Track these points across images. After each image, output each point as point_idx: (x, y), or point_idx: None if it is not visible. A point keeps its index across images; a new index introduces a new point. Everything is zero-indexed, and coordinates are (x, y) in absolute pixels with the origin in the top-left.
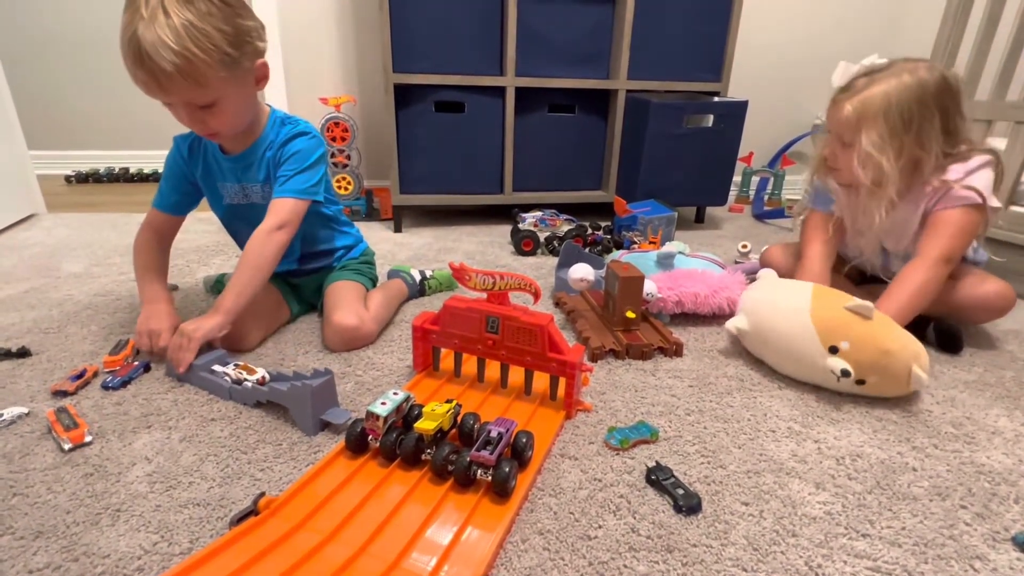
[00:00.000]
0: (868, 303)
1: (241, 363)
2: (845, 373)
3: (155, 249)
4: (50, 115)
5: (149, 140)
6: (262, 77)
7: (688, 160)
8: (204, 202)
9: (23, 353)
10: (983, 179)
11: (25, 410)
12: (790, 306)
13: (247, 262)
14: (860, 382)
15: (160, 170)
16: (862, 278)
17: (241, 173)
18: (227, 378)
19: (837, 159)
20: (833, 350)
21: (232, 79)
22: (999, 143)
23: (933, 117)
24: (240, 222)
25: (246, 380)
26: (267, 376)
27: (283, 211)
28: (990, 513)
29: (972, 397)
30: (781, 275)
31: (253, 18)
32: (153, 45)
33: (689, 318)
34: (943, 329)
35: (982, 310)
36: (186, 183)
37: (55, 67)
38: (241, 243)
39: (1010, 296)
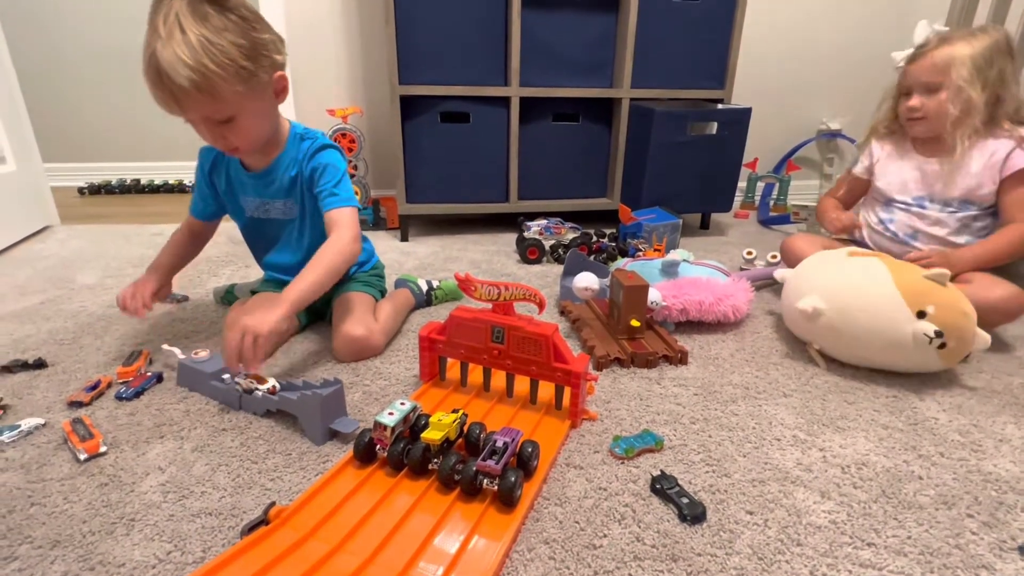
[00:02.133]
0: (944, 270)
1: (252, 372)
2: (938, 334)
3: (182, 240)
4: (63, 128)
5: (161, 152)
6: (281, 90)
7: (693, 167)
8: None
9: (39, 364)
10: None
11: (42, 421)
12: (870, 278)
13: (321, 263)
14: (943, 346)
15: (171, 182)
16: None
17: (263, 189)
18: (238, 387)
19: (920, 109)
20: (921, 315)
21: (249, 93)
22: None
23: (1007, 61)
24: (259, 235)
25: (256, 389)
26: (278, 386)
27: (351, 223)
28: (997, 522)
29: (979, 404)
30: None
31: (270, 31)
32: (170, 63)
33: (694, 326)
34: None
35: (992, 313)
36: (211, 195)
37: (68, 81)
38: (259, 255)
39: (1021, 300)
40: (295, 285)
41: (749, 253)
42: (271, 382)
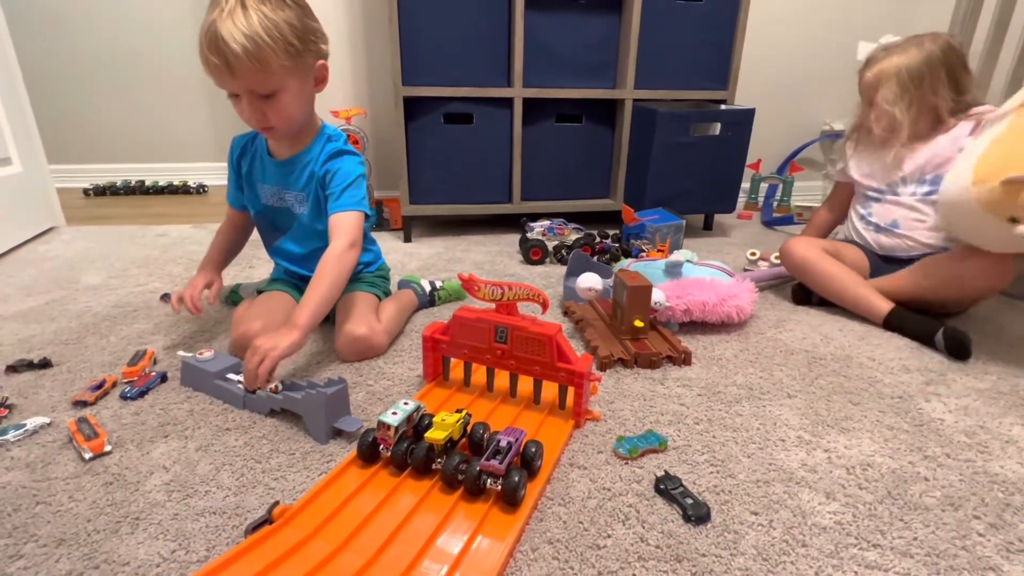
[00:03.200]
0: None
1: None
2: None
3: (227, 234)
4: (69, 129)
5: (165, 154)
6: (322, 79)
7: (696, 168)
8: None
9: (44, 364)
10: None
11: (47, 420)
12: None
13: (323, 280)
14: None
15: (175, 183)
16: None
17: (283, 178)
18: (240, 386)
19: (868, 119)
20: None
21: (295, 70)
22: None
23: (940, 72)
24: (271, 223)
25: (259, 388)
26: (280, 385)
27: (350, 227)
28: (1004, 523)
29: (985, 405)
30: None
31: (318, 22)
32: (229, 31)
33: (698, 327)
34: (952, 335)
35: (969, 287)
36: (240, 181)
37: (74, 83)
38: (268, 244)
39: (994, 271)
40: (304, 307)
41: (752, 254)
42: (274, 381)
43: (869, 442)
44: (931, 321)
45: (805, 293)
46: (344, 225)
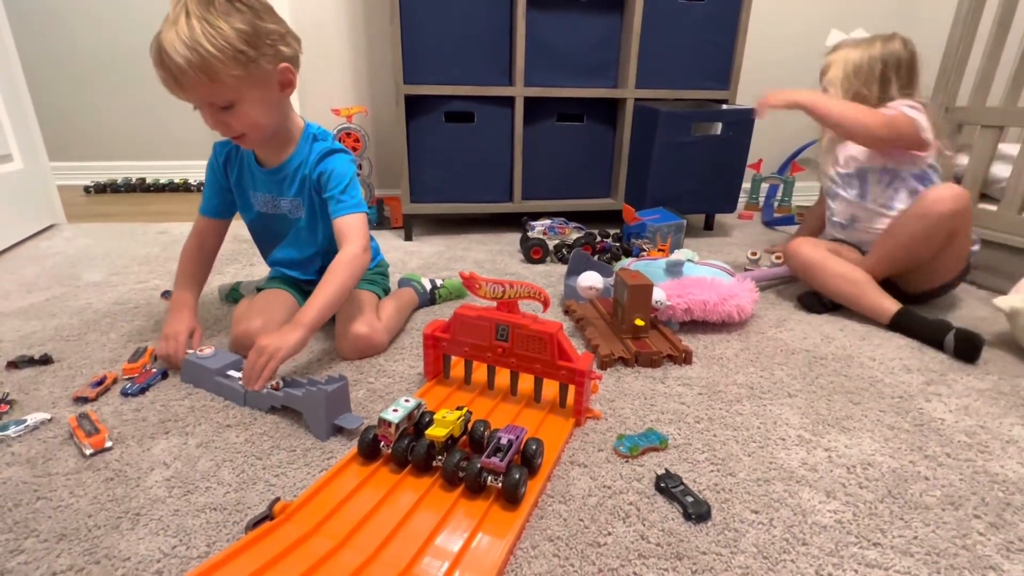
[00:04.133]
0: None
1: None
2: None
3: (195, 258)
4: (69, 127)
5: (166, 151)
6: (287, 83)
7: (697, 168)
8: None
9: (45, 360)
10: (915, 108)
11: (48, 416)
12: None
13: (333, 282)
14: None
15: (176, 180)
16: None
17: (275, 186)
18: (241, 383)
19: None
20: None
21: (249, 79)
22: (1011, 149)
23: (876, 68)
24: (266, 231)
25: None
26: (281, 382)
27: (360, 231)
28: (1004, 523)
29: (986, 406)
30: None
31: (278, 23)
32: (171, 43)
33: (698, 326)
34: (963, 336)
35: (934, 217)
36: (223, 189)
37: (74, 80)
38: (265, 251)
39: (945, 196)
40: (310, 306)
41: (753, 254)
42: (275, 379)
43: (870, 441)
44: (941, 323)
45: (816, 301)
46: (353, 229)
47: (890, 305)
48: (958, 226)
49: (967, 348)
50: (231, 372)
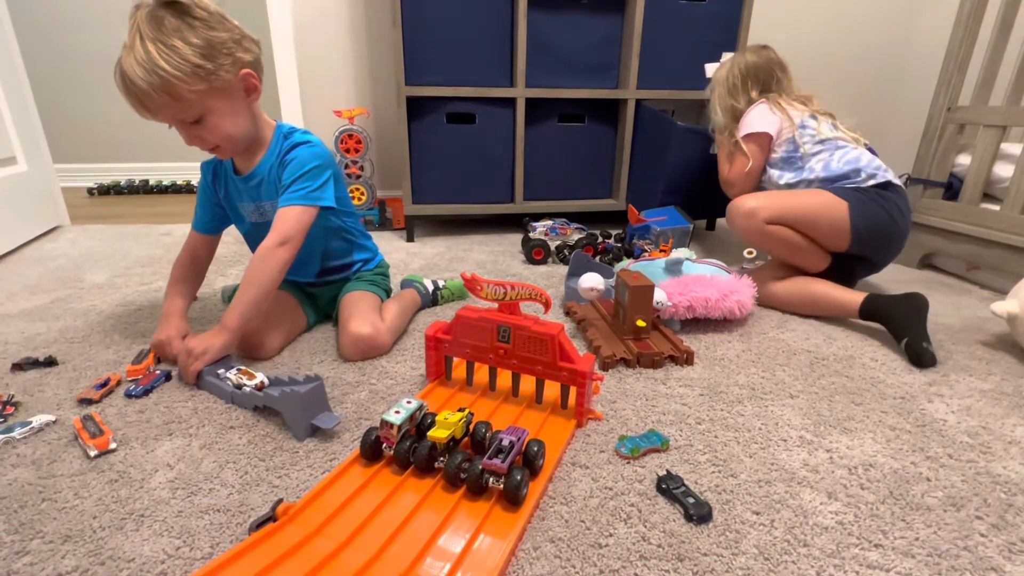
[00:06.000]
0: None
1: (243, 368)
2: None
3: (186, 268)
4: (73, 129)
5: (169, 153)
6: (251, 88)
7: (707, 176)
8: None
9: (50, 362)
10: (752, 114)
11: (53, 418)
12: None
13: (250, 280)
14: None
15: (178, 182)
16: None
17: (253, 192)
18: (228, 383)
19: None
20: None
21: (212, 91)
22: (1014, 149)
23: (736, 81)
24: (261, 240)
25: (245, 385)
26: (266, 381)
27: (286, 223)
28: (1006, 524)
29: (988, 406)
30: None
31: (231, 30)
32: (131, 68)
33: (700, 327)
34: (913, 352)
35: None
36: (215, 205)
37: (78, 83)
38: None
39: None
40: (234, 309)
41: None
42: (259, 377)
43: (871, 442)
44: (901, 330)
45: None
46: (281, 220)
47: (854, 298)
48: (754, 226)
49: (915, 359)
50: (220, 371)
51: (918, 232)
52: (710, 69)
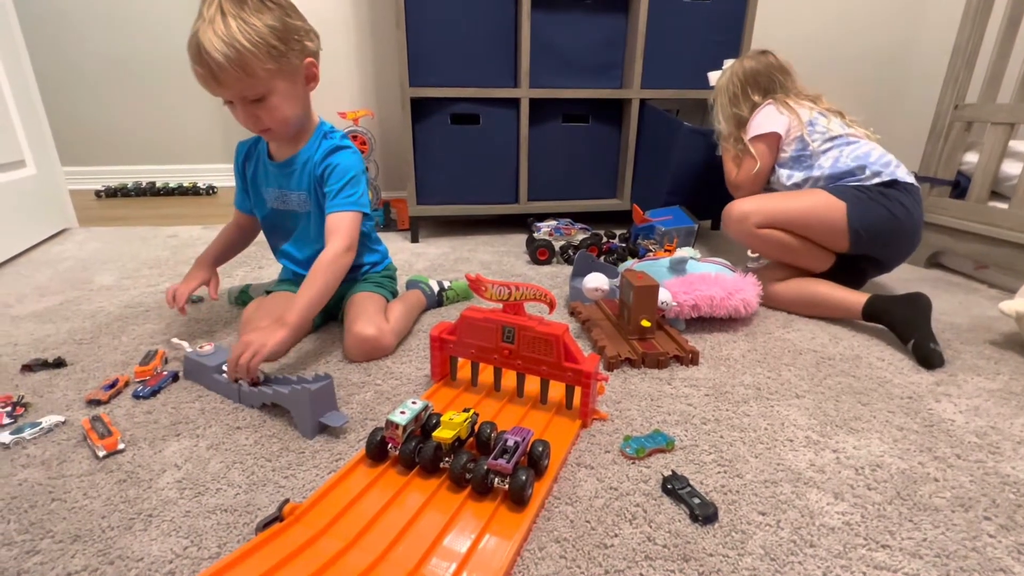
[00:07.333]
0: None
1: (244, 381)
2: None
3: (230, 234)
4: (81, 132)
5: (176, 155)
6: (311, 77)
7: (712, 175)
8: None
9: (59, 363)
10: (759, 116)
11: (62, 418)
12: None
13: (315, 282)
14: None
15: (185, 184)
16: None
17: (284, 179)
18: (224, 378)
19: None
20: None
21: (280, 72)
22: (1022, 146)
23: (736, 88)
24: (277, 226)
25: (241, 381)
26: (260, 376)
27: (348, 230)
28: (1015, 525)
29: (997, 406)
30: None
31: (302, 20)
32: (209, 41)
33: (705, 326)
34: (921, 354)
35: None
36: (247, 185)
37: (86, 86)
38: (275, 248)
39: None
40: (295, 307)
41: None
42: (258, 375)
43: (878, 442)
44: (907, 331)
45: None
46: (341, 226)
47: (856, 299)
48: (748, 229)
49: (924, 360)
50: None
51: (926, 231)
52: (713, 77)
